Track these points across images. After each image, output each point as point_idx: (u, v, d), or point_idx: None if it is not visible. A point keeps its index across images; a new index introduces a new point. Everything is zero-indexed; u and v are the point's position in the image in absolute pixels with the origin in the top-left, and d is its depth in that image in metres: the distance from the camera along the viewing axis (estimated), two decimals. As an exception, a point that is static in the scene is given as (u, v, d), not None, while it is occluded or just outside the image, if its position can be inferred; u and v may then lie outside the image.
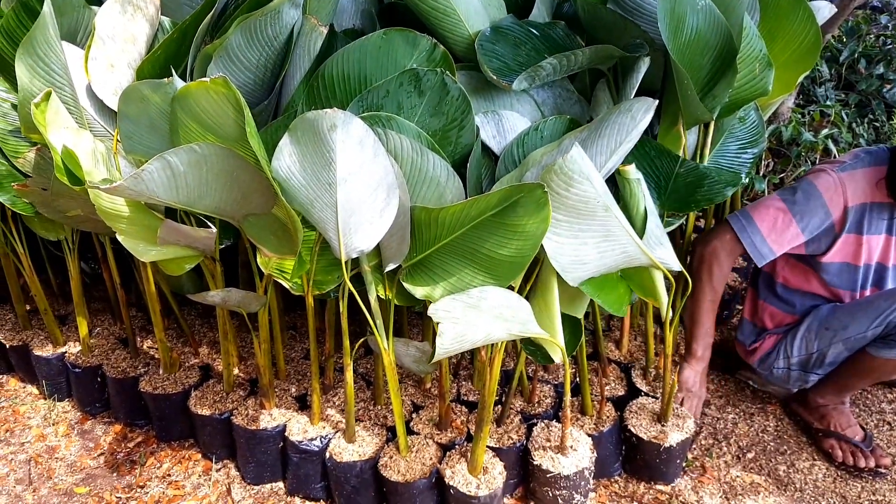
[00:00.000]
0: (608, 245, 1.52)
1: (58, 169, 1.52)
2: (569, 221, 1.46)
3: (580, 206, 1.43)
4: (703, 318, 2.07)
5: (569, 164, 1.35)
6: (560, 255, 1.50)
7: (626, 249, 1.56)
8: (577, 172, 1.37)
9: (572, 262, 1.52)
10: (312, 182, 1.49)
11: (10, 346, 2.45)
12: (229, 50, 1.55)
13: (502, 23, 1.73)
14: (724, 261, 2.02)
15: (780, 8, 1.89)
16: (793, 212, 1.95)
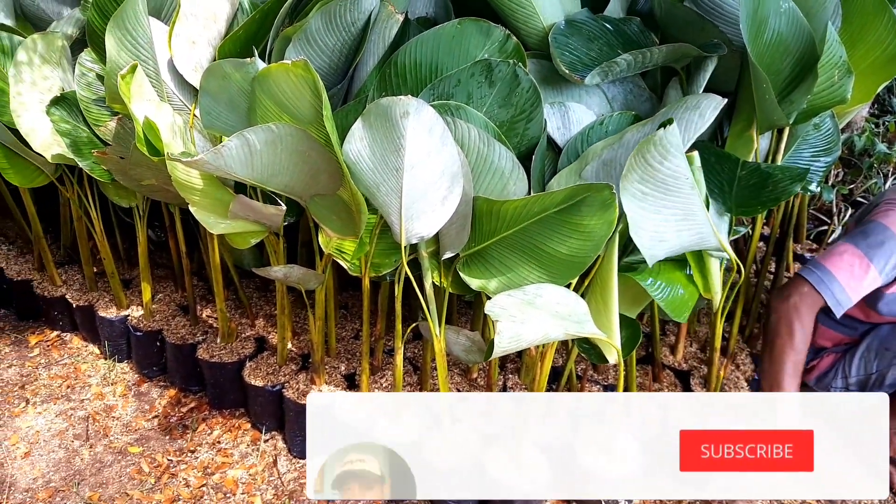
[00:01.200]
0: (686, 224, 1.51)
1: (139, 139, 1.57)
2: (655, 196, 1.45)
3: (669, 181, 1.42)
4: (785, 382, 1.82)
5: (669, 136, 1.34)
6: (642, 230, 1.49)
7: (701, 230, 1.55)
8: (674, 146, 1.36)
9: (652, 238, 1.51)
10: (380, 166, 1.51)
11: (77, 305, 2.55)
12: (308, 33, 1.58)
13: (577, 16, 1.72)
14: (806, 316, 1.85)
15: (863, 14, 1.83)
16: (869, 256, 1.87)
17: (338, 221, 1.77)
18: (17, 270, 2.71)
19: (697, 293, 1.73)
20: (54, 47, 2.01)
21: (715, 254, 1.74)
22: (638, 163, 1.41)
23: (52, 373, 2.51)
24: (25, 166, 2.17)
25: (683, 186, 1.45)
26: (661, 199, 1.47)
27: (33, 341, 2.65)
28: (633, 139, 1.51)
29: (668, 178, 1.43)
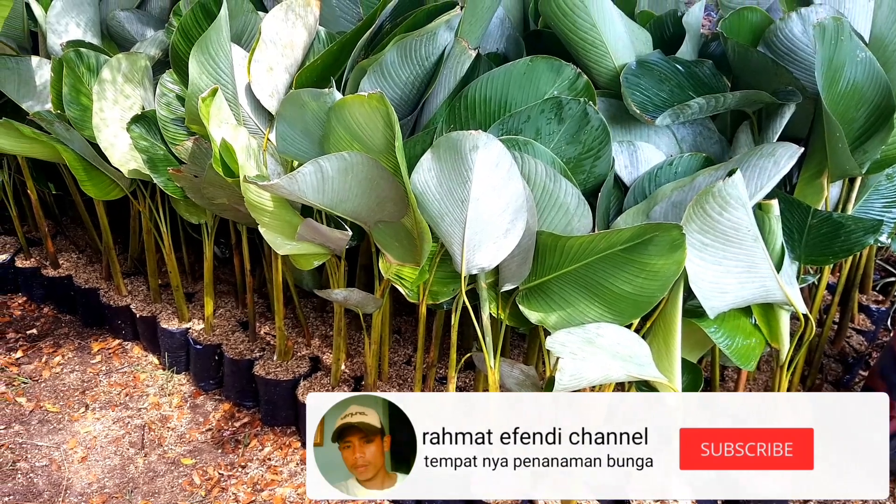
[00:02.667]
0: (749, 276, 1.49)
1: (215, 160, 1.63)
2: (715, 247, 1.45)
3: (730, 232, 1.41)
4: None
5: (728, 188, 1.34)
6: (701, 281, 1.48)
7: (766, 283, 1.52)
8: (735, 198, 1.35)
9: (713, 289, 1.50)
10: (446, 197, 1.54)
11: (140, 316, 2.63)
12: (383, 66, 1.63)
13: (649, 58, 1.72)
14: None
15: (943, 63, 1.79)
16: None
17: (399, 248, 1.80)
18: (86, 278, 2.82)
19: (764, 342, 1.69)
20: (137, 67, 2.10)
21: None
22: (697, 213, 1.40)
23: (111, 380, 2.59)
24: (102, 179, 2.27)
25: (746, 238, 1.43)
26: (721, 251, 1.46)
27: (96, 348, 2.74)
28: (705, 182, 1.50)
29: (728, 230, 1.42)
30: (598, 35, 1.66)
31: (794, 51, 1.77)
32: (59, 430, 2.36)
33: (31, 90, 2.33)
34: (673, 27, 1.93)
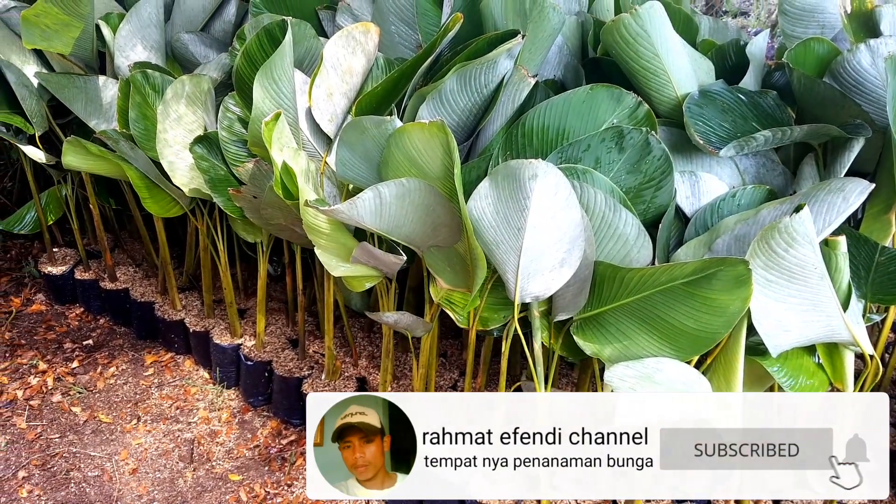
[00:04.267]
0: (814, 315, 1.45)
1: (276, 183, 1.66)
2: (780, 284, 1.41)
3: (796, 269, 1.38)
4: None
5: (795, 224, 1.31)
6: (765, 318, 1.44)
7: (832, 323, 1.48)
8: (802, 234, 1.32)
9: (776, 327, 1.46)
10: (502, 224, 1.53)
11: (193, 330, 2.68)
12: (442, 93, 1.64)
13: (712, 87, 1.70)
14: None
15: None
16: None
17: (451, 273, 1.80)
18: (142, 292, 2.89)
19: (827, 382, 1.64)
20: (201, 89, 2.15)
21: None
22: (762, 248, 1.37)
23: (163, 393, 2.64)
24: (163, 197, 2.32)
25: (812, 276, 1.40)
26: (786, 288, 1.42)
27: (149, 361, 2.80)
28: (770, 216, 1.47)
29: (794, 267, 1.39)
30: (660, 64, 1.64)
31: (862, 83, 1.72)
32: (111, 441, 2.41)
33: (97, 108, 2.41)
34: (735, 56, 1.90)
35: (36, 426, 2.46)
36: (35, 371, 2.71)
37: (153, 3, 2.36)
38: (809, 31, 2.03)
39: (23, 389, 2.61)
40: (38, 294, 3.17)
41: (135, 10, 2.33)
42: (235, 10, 2.49)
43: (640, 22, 1.60)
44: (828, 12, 2.03)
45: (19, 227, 3.03)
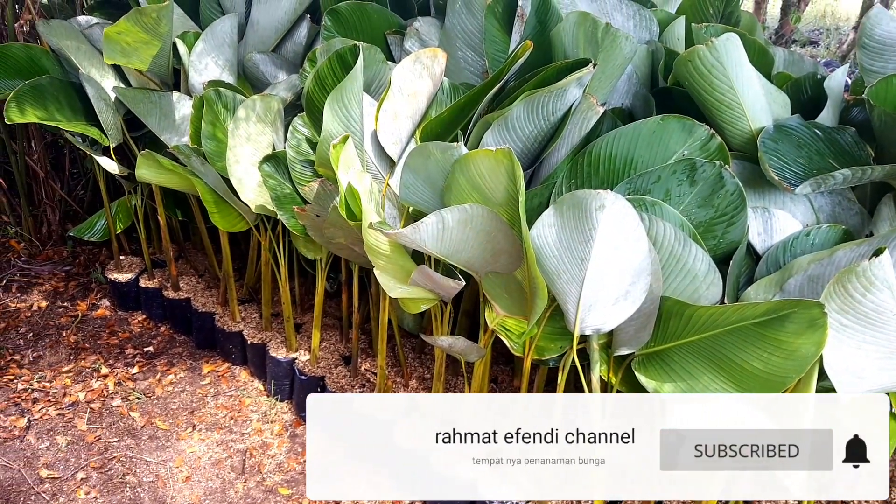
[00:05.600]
0: (891, 363, 1.39)
1: (341, 204, 1.68)
2: (855, 329, 1.36)
3: (872, 315, 1.32)
4: None
5: (874, 268, 1.26)
6: (837, 364, 1.39)
7: None
8: (880, 279, 1.27)
9: (849, 373, 1.40)
10: (565, 254, 1.52)
11: (251, 342, 2.73)
12: (508, 120, 1.64)
13: (787, 122, 1.66)
14: None
15: None
16: None
17: (508, 300, 1.78)
18: (203, 302, 2.95)
19: (899, 432, 1.56)
20: (270, 109, 2.21)
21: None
22: (838, 292, 1.32)
23: (218, 402, 2.68)
24: (230, 212, 2.38)
25: (889, 322, 1.34)
26: (861, 334, 1.36)
27: (206, 370, 2.86)
28: (846, 258, 1.41)
29: (870, 312, 1.33)
30: (734, 97, 1.61)
31: (948, 120, 1.66)
32: (166, 448, 2.45)
33: (170, 123, 2.49)
34: (811, 90, 1.85)
35: (96, 429, 2.52)
36: (97, 375, 2.79)
37: (228, 23, 2.44)
38: (890, 66, 1.97)
39: (85, 392, 2.69)
40: (103, 300, 3.27)
41: (210, 30, 2.42)
42: (307, 32, 2.54)
43: (715, 54, 1.57)
44: (909, 46, 1.96)
45: (89, 234, 3.14)
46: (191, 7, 2.71)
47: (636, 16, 2.10)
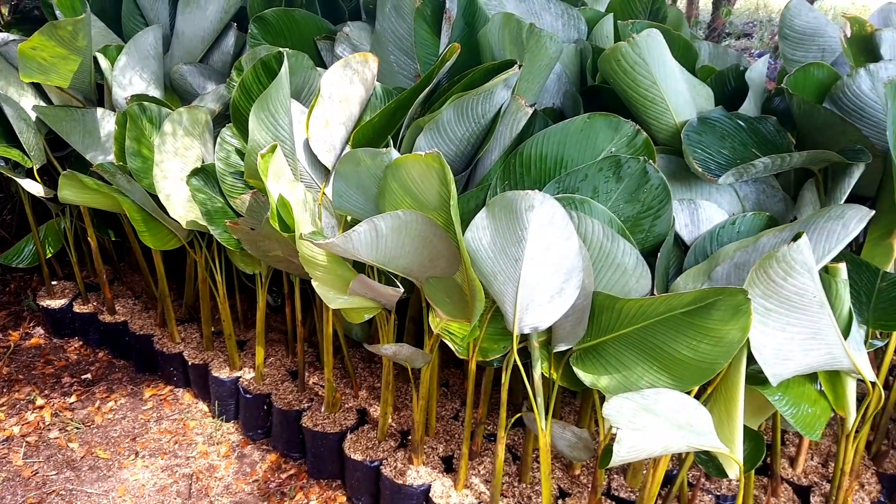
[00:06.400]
0: (814, 343, 1.42)
1: (272, 215, 1.65)
2: (779, 313, 1.39)
3: (795, 298, 1.35)
4: None
5: (793, 253, 1.28)
6: (764, 347, 1.42)
7: (832, 351, 1.45)
8: (800, 263, 1.29)
9: (775, 355, 1.43)
10: (500, 256, 1.51)
11: (192, 363, 2.66)
12: (439, 124, 1.63)
13: (710, 114, 1.69)
14: None
15: None
16: None
17: (450, 304, 1.77)
18: (140, 324, 2.86)
19: (830, 409, 1.60)
20: (198, 121, 2.16)
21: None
22: (760, 277, 1.35)
23: (162, 427, 2.60)
24: (160, 230, 2.31)
25: (811, 305, 1.37)
26: (785, 317, 1.40)
27: (148, 394, 2.77)
28: (769, 244, 1.45)
29: (793, 296, 1.36)
30: (658, 92, 1.63)
31: (863, 108, 1.71)
32: (108, 478, 2.37)
33: (95, 141, 2.41)
34: (735, 82, 1.90)
35: (32, 463, 2.42)
36: (32, 406, 2.68)
37: (151, 35, 2.38)
38: (810, 55, 2.03)
39: (20, 426, 2.58)
40: (36, 328, 3.15)
41: (133, 42, 2.35)
42: (234, 40, 2.50)
43: (637, 50, 1.59)
44: (828, 36, 2.03)
45: (18, 260, 3.02)
46: (113, 20, 2.64)
47: (564, 15, 2.12)
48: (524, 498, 2.04)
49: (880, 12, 2.13)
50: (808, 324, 1.40)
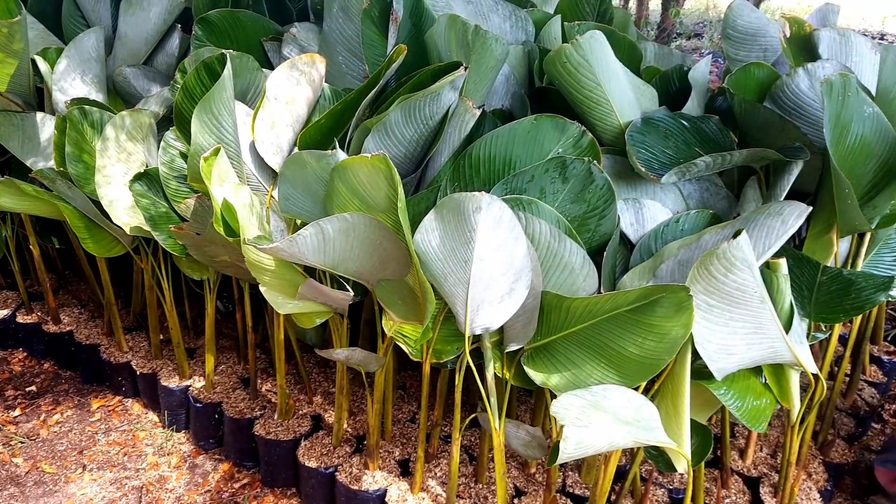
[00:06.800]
0: (757, 338, 1.45)
1: (216, 220, 1.62)
2: (721, 308, 1.41)
3: (736, 294, 1.38)
4: None
5: (733, 249, 1.31)
6: (707, 342, 1.44)
7: (774, 344, 1.48)
8: (740, 259, 1.32)
9: (719, 350, 1.46)
10: (449, 257, 1.51)
11: (141, 373, 2.59)
12: (387, 126, 1.62)
13: (654, 114, 1.72)
14: None
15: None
16: None
17: (403, 306, 1.77)
18: (87, 334, 2.78)
19: (775, 402, 1.64)
20: (141, 124, 2.10)
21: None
22: (702, 274, 1.37)
23: (110, 439, 2.53)
24: (104, 236, 2.25)
25: (752, 300, 1.40)
26: (727, 312, 1.42)
27: (95, 405, 2.70)
28: (712, 241, 1.47)
29: (734, 292, 1.39)
30: (602, 93, 1.65)
31: (802, 106, 1.76)
32: (54, 493, 2.30)
33: (35, 147, 2.34)
34: (679, 82, 1.93)
35: (-27, 480, 2.34)
36: (-27, 421, 2.59)
37: (93, 37, 2.31)
38: (753, 54, 2.08)
39: (-40, 441, 2.49)
40: (-22, 340, 3.04)
41: (73, 45, 2.28)
42: (179, 42, 2.45)
43: (580, 52, 1.61)
44: (770, 36, 2.08)
45: (-44, 269, 2.91)
46: (53, 22, 2.56)
47: (512, 16, 2.13)
48: (480, 498, 2.04)
49: (818, 12, 2.19)
50: (750, 318, 1.43)
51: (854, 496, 2.31)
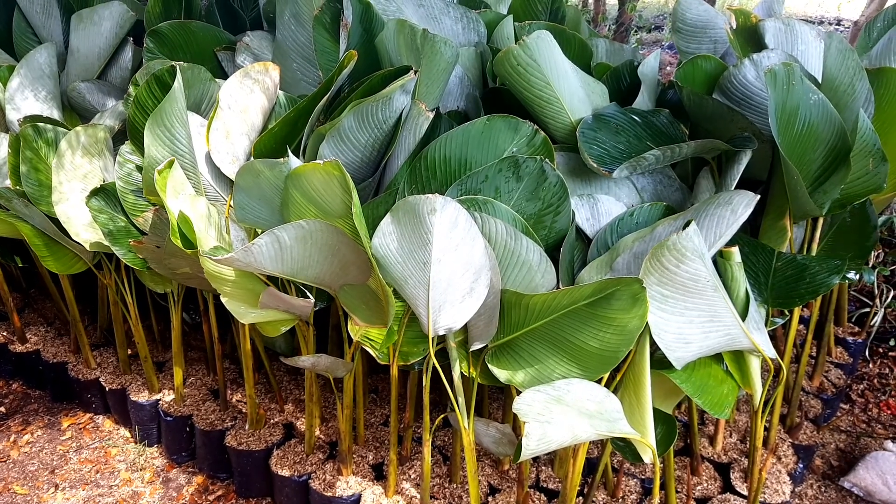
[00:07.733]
0: (713, 326, 1.48)
1: (173, 232, 1.61)
2: (676, 298, 1.43)
3: (689, 283, 1.40)
4: None
5: (683, 240, 1.33)
6: (664, 332, 1.46)
7: (730, 332, 1.51)
8: (690, 250, 1.34)
9: (676, 339, 1.48)
10: (408, 260, 1.52)
11: (110, 389, 2.57)
12: (341, 131, 1.63)
13: (605, 111, 1.74)
14: None
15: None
16: None
17: (367, 310, 1.77)
18: (54, 353, 2.75)
19: (737, 388, 1.67)
20: (96, 139, 2.09)
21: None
22: (654, 266, 1.39)
23: (82, 457, 2.51)
24: (64, 254, 2.23)
25: (705, 289, 1.42)
26: (681, 301, 1.44)
27: (66, 424, 2.66)
28: (665, 232, 1.50)
29: (687, 282, 1.41)
30: (552, 92, 1.67)
31: (750, 96, 1.79)
32: (25, 514, 2.27)
33: (-10, 166, 2.31)
34: (630, 77, 1.95)
35: (-59, 506, 2.30)
36: (-60, 446, 2.55)
37: (45, 53, 2.29)
38: (703, 47, 2.11)
39: (-74, 467, 2.45)
40: (-58, 363, 2.99)
41: (25, 61, 2.26)
42: (132, 55, 2.43)
43: (528, 52, 1.62)
44: (719, 28, 2.11)
45: (-84, 293, 2.86)
46: (4, 38, 2.53)
47: (464, 18, 2.13)
48: (455, 498, 2.05)
49: (764, 3, 2.23)
50: (705, 307, 1.45)
51: (825, 477, 2.36)
